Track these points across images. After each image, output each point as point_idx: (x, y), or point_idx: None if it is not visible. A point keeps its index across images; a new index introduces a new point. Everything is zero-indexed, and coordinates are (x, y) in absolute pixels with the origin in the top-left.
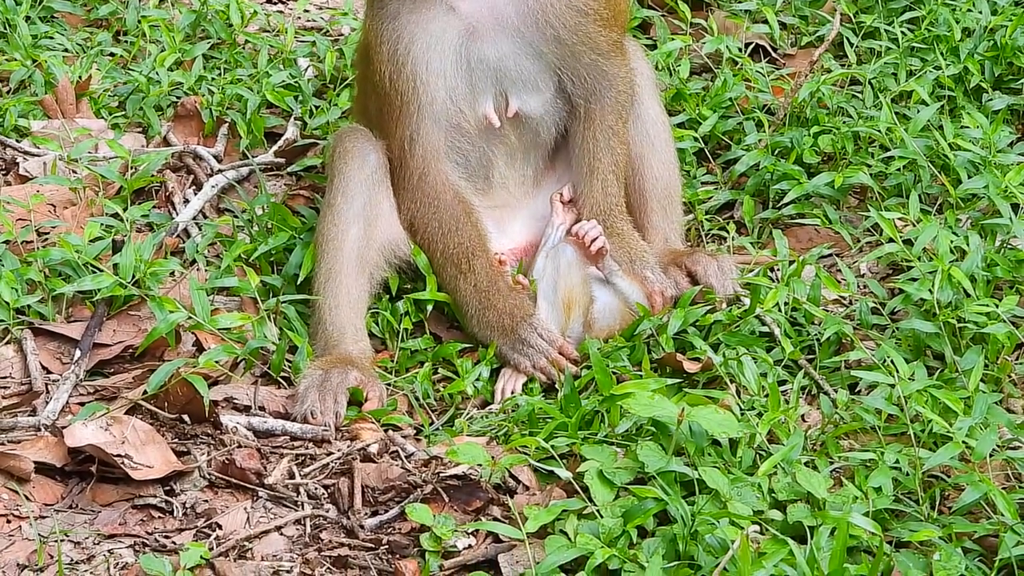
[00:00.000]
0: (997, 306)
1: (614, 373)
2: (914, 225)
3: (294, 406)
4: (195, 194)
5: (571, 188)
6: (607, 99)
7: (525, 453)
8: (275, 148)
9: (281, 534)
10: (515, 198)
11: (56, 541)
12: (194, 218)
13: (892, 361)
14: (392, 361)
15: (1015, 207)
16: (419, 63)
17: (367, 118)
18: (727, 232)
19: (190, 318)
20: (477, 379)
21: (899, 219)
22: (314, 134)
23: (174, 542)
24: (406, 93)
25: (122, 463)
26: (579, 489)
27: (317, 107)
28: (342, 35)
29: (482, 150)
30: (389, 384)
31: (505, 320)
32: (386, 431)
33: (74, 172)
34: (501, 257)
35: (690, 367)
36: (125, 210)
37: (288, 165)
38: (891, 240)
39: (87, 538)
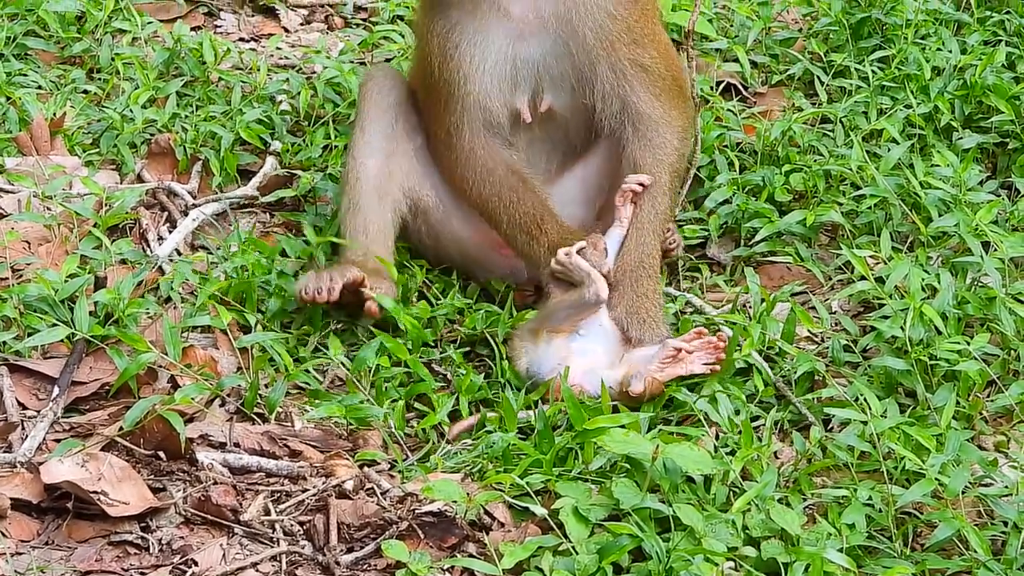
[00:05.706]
0: (968, 343)
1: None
2: (885, 263)
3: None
4: (169, 232)
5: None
6: (647, 142)
7: (500, 490)
8: (254, 183)
9: (257, 571)
10: None
11: None
12: (168, 255)
13: (864, 398)
14: (366, 392)
15: (985, 245)
16: (468, 58)
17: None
18: (700, 272)
19: (162, 357)
20: (449, 412)
21: (870, 257)
22: (291, 165)
23: None
24: (454, 84)
25: (98, 499)
26: (554, 526)
27: (293, 144)
28: (315, 73)
29: (513, 139)
30: (363, 417)
31: None
32: (361, 468)
33: (49, 209)
34: None
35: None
36: (101, 246)
37: (266, 196)
38: (863, 278)
39: (63, 574)
